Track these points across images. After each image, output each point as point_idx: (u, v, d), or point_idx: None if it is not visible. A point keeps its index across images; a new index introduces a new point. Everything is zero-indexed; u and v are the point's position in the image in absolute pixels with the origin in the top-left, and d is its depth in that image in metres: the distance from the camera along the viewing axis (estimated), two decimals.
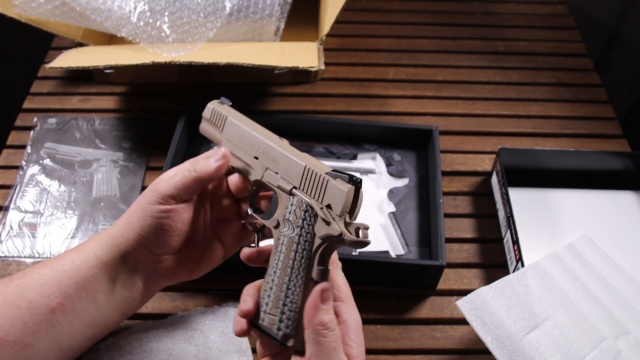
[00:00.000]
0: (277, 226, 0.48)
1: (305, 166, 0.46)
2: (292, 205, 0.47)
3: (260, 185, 0.51)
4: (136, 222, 0.49)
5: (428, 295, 0.66)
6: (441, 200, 0.68)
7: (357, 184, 0.44)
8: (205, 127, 0.55)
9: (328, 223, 0.44)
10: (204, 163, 0.50)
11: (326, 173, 0.45)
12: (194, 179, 0.49)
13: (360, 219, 0.71)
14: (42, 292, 0.47)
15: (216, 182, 0.53)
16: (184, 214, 0.50)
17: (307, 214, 0.45)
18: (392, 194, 0.74)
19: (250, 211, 0.51)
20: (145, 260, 0.50)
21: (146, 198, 0.49)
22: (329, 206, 0.45)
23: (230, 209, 0.55)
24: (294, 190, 0.47)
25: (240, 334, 0.47)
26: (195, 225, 0.53)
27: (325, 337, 0.42)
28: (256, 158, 0.50)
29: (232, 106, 0.55)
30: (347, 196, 0.44)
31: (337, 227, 0.44)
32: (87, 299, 0.48)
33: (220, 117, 0.54)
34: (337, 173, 0.45)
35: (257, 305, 0.46)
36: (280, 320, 0.45)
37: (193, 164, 0.50)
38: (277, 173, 0.49)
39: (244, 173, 0.52)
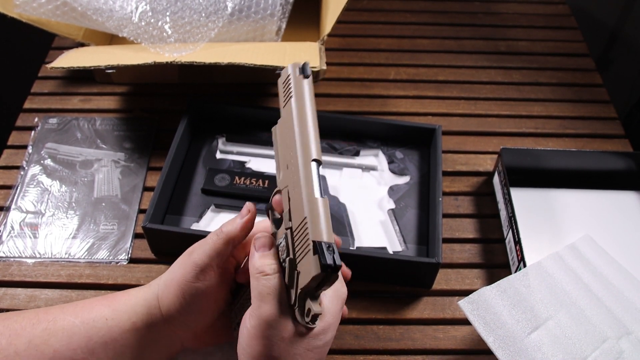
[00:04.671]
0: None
1: (305, 218, 0.42)
2: (280, 243, 0.46)
3: (278, 192, 0.48)
4: (174, 298, 0.48)
5: (425, 294, 0.66)
6: (440, 199, 0.68)
7: (327, 269, 0.39)
8: (278, 88, 0.49)
9: (289, 287, 0.43)
10: (231, 223, 0.49)
11: (314, 240, 0.40)
12: (222, 241, 0.48)
13: (360, 214, 0.73)
14: (69, 345, 0.46)
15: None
16: (220, 292, 0.50)
17: (285, 262, 0.44)
18: (392, 191, 0.74)
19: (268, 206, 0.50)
20: (179, 330, 0.50)
21: (183, 272, 0.48)
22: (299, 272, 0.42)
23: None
24: (287, 231, 0.44)
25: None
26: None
27: (258, 281, 0.43)
28: (287, 167, 0.46)
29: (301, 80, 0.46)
30: (311, 280, 0.40)
31: (291, 297, 0.43)
32: None
33: (288, 92, 0.47)
34: (323, 246, 0.39)
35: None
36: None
37: (221, 227, 0.49)
38: (289, 200, 0.45)
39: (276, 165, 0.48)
